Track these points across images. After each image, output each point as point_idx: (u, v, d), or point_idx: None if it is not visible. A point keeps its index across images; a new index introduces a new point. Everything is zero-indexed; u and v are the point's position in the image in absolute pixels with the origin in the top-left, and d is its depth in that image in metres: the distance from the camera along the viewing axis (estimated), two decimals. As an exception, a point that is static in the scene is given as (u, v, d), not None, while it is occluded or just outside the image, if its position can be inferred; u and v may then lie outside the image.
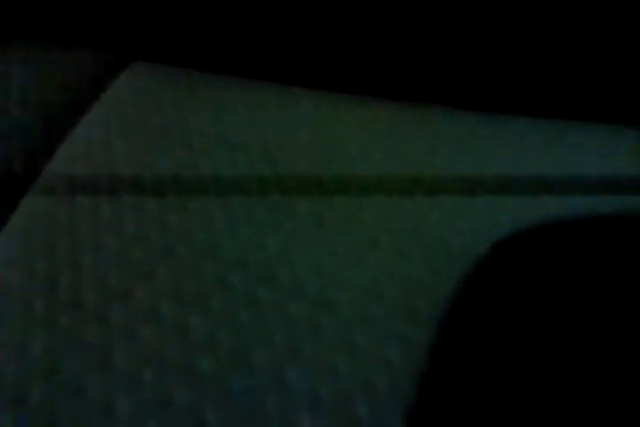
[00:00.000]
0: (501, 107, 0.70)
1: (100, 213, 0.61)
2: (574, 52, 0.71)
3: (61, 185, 0.64)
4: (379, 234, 0.59)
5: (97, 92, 0.71)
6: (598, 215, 0.58)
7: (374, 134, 0.67)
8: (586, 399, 0.51)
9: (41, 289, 0.57)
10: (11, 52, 0.75)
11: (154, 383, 0.52)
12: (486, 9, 0.72)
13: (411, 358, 0.52)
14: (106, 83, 0.72)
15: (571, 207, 0.60)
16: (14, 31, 0.79)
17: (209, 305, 0.56)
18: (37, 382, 0.52)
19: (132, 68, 0.74)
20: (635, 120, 0.67)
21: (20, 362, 0.53)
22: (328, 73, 0.75)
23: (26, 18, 0.79)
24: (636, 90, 0.70)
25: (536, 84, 0.72)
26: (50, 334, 0.54)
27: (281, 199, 0.62)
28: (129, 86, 0.72)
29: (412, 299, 0.55)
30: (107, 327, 0.55)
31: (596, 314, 0.54)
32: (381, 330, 0.54)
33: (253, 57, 0.77)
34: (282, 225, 0.60)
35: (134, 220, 0.61)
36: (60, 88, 0.72)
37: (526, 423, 0.50)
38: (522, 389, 0.51)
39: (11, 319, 0.55)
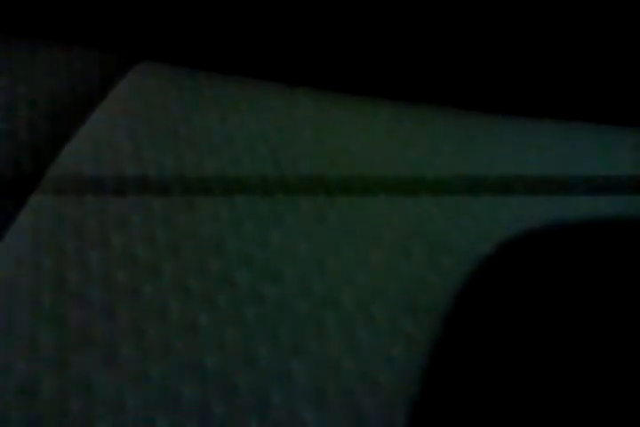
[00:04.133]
0: (502, 107, 0.70)
1: (107, 212, 0.62)
2: (575, 52, 0.72)
3: (68, 183, 0.64)
4: (381, 232, 0.60)
5: (104, 92, 0.71)
6: (604, 218, 0.58)
7: (376, 134, 0.67)
8: (588, 398, 0.51)
9: (49, 286, 0.57)
10: (18, 51, 0.75)
11: (162, 379, 0.52)
12: (488, 10, 0.72)
13: (413, 354, 0.53)
14: (113, 82, 0.72)
15: (573, 206, 0.60)
16: (21, 30, 0.79)
17: (215, 302, 0.56)
18: (47, 377, 0.52)
19: (139, 67, 0.73)
20: (635, 121, 0.67)
21: (30, 358, 0.53)
22: (331, 73, 0.75)
23: (33, 17, 0.79)
24: (636, 90, 0.71)
25: (537, 84, 0.72)
26: (58, 330, 0.55)
27: (285, 198, 0.62)
28: (135, 86, 0.72)
29: (414, 296, 0.56)
30: (115, 324, 0.55)
31: (598, 315, 0.54)
32: (384, 327, 0.54)
33: (258, 57, 0.77)
34: (286, 223, 0.60)
35: (140, 218, 0.61)
36: (68, 87, 0.72)
37: (529, 418, 0.51)
38: (525, 385, 0.52)
39: (19, 316, 0.56)
